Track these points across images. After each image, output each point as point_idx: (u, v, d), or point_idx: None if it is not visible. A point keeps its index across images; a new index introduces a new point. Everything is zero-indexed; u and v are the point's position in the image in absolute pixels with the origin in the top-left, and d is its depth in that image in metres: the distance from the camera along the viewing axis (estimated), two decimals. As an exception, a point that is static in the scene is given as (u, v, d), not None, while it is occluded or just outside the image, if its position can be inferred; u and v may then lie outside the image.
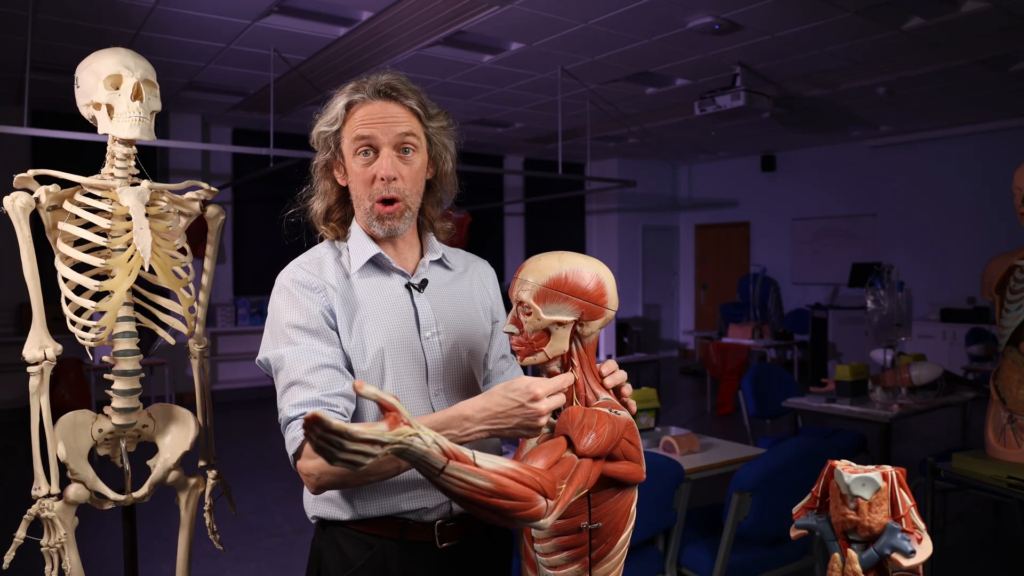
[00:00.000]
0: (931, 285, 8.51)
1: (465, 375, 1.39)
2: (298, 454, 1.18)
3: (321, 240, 1.39)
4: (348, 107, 1.29)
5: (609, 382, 1.19)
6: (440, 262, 1.42)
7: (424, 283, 1.36)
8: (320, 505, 1.30)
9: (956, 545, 3.76)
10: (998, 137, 8.12)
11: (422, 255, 1.40)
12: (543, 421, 1.09)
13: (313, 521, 1.34)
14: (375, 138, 1.27)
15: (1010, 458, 2.41)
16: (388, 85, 1.29)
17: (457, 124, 1.40)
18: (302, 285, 1.27)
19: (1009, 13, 4.65)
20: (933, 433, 6.18)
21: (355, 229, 1.36)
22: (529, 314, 1.13)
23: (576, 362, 1.16)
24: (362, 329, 1.27)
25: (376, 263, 1.33)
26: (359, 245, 1.33)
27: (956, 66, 5.86)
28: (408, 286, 1.35)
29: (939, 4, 4.55)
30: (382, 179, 1.27)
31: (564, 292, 1.12)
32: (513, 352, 1.20)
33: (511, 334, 1.17)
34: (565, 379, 1.13)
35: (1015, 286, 2.44)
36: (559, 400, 1.11)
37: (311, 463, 1.15)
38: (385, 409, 0.83)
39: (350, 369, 1.26)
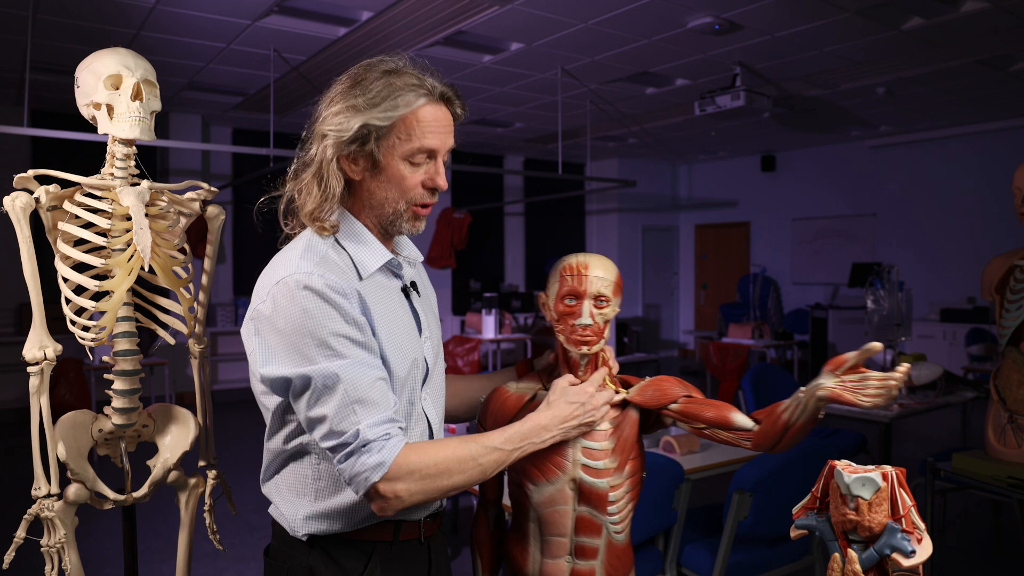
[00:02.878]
0: (931, 285, 8.51)
1: (443, 377, 1.39)
2: (389, 476, 1.10)
3: (286, 237, 1.28)
4: (416, 103, 1.19)
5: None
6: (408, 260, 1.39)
7: (414, 285, 1.34)
8: (314, 523, 1.22)
9: (956, 545, 3.76)
10: (998, 137, 8.12)
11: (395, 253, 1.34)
12: (601, 413, 1.28)
13: (303, 539, 1.23)
14: (438, 149, 1.22)
15: (1010, 458, 2.41)
16: (448, 91, 1.23)
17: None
18: (336, 291, 1.14)
19: (1009, 13, 4.65)
20: (933, 433, 6.18)
21: (360, 229, 1.25)
22: (607, 306, 1.30)
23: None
24: (395, 338, 1.22)
25: (384, 266, 1.27)
26: (371, 247, 1.24)
27: (956, 66, 5.86)
28: (404, 290, 1.31)
29: (939, 4, 4.55)
30: (430, 188, 1.23)
31: (621, 285, 1.33)
32: (584, 343, 1.29)
33: (586, 326, 1.28)
34: (602, 370, 1.32)
35: (1015, 286, 2.44)
36: (610, 394, 1.30)
37: (401, 485, 1.11)
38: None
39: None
